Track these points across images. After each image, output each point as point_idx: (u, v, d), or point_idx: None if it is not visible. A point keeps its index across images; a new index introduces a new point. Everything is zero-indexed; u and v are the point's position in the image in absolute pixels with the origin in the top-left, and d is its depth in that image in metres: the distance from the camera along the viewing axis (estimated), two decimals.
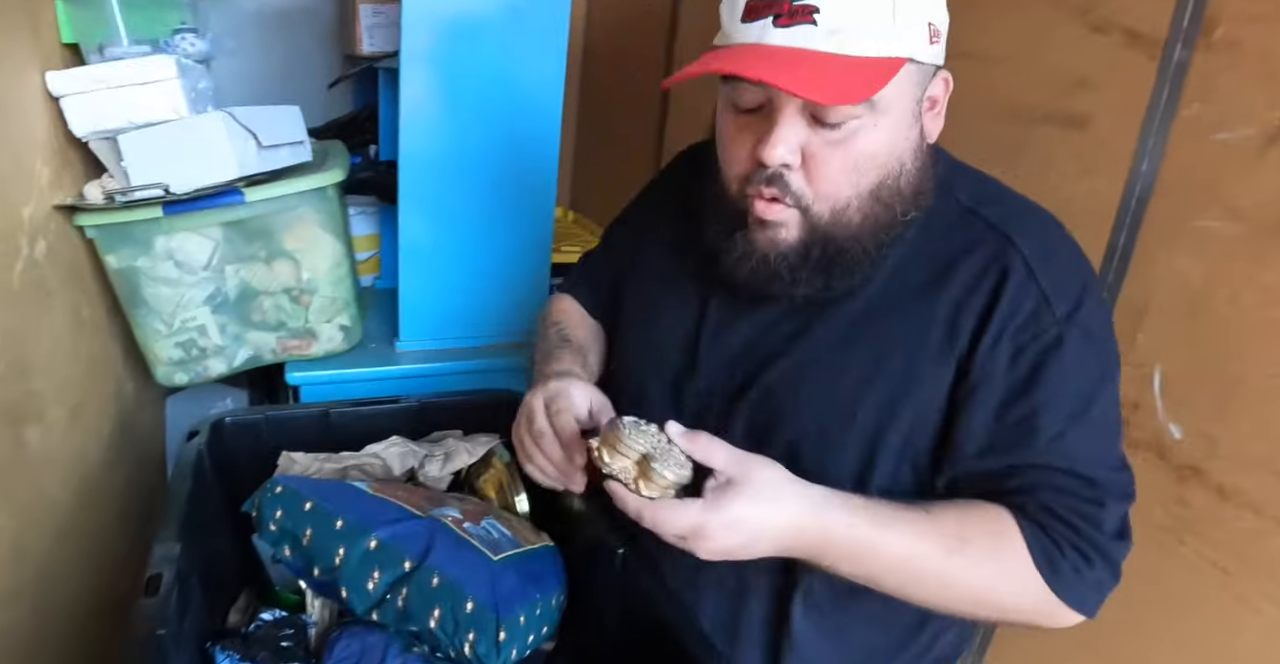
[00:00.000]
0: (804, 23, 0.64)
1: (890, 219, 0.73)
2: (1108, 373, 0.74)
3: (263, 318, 1.22)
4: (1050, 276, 0.71)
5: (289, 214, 1.18)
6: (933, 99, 0.74)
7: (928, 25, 0.68)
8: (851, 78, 0.64)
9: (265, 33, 2.08)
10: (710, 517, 0.65)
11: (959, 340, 0.72)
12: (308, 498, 0.87)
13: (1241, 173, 0.96)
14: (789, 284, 0.74)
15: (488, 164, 1.39)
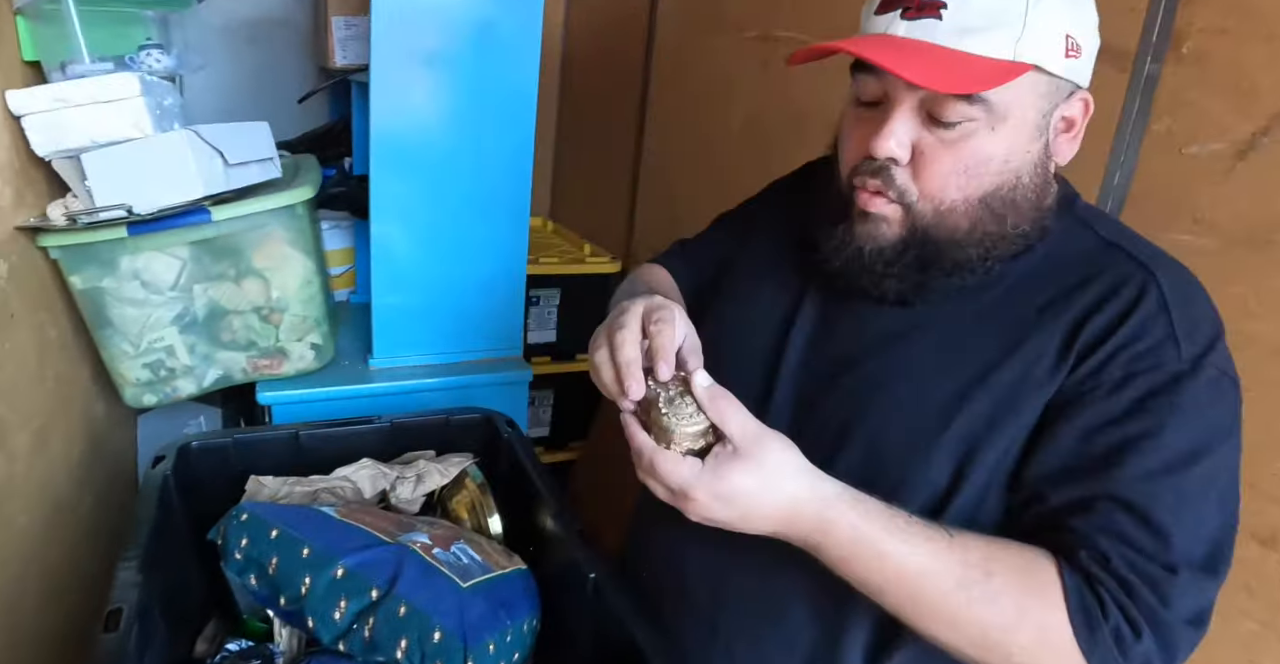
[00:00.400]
0: (930, 16, 0.65)
1: (1000, 230, 0.70)
2: (1225, 436, 0.66)
3: (232, 337, 1.20)
4: (1185, 317, 0.66)
5: (258, 232, 1.17)
6: (1068, 119, 0.71)
7: (1065, 37, 0.66)
8: (968, 73, 0.64)
9: (236, 45, 2.06)
10: (705, 482, 0.63)
11: (1070, 358, 0.67)
12: (274, 525, 0.86)
13: (1211, 186, 0.96)
14: (879, 278, 0.73)
15: (460, 177, 1.38)
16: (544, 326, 2.05)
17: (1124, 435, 0.64)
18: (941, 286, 0.72)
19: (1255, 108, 0.92)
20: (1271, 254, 0.91)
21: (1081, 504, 0.64)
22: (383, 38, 1.28)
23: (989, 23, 0.64)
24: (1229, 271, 0.94)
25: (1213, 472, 0.64)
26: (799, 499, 0.64)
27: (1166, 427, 0.63)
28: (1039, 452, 0.67)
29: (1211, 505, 0.64)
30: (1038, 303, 0.71)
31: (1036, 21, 0.64)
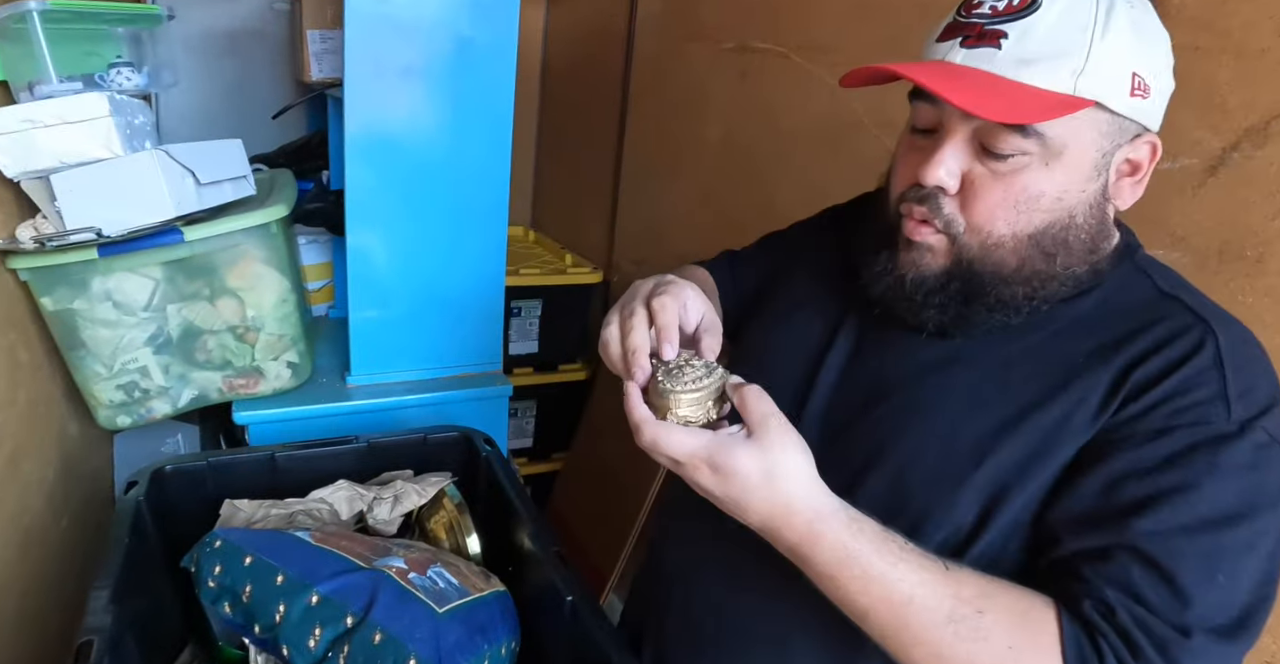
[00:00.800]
0: (989, 45, 0.64)
1: (1049, 269, 0.68)
2: (1267, 507, 0.60)
3: (207, 357, 1.19)
4: (1239, 377, 0.62)
5: (231, 251, 1.16)
6: (1134, 163, 0.68)
7: (1131, 75, 0.63)
8: (1023, 104, 0.62)
9: (212, 60, 2.05)
10: (710, 454, 0.62)
11: (1114, 404, 0.64)
12: (248, 552, 0.85)
13: (1184, 201, 0.97)
14: (919, 308, 0.71)
15: (437, 190, 1.37)
16: (526, 337, 2.05)
17: (1155, 487, 0.60)
18: (984, 322, 0.70)
19: (1226, 124, 0.92)
20: (1243, 268, 0.91)
21: (1098, 553, 0.61)
22: (356, 51, 1.27)
23: (1050, 54, 0.62)
24: (1204, 286, 0.93)
25: (1253, 539, 0.60)
26: (793, 503, 0.62)
27: (1203, 484, 0.60)
28: (1063, 495, 0.64)
29: (1246, 574, 0.59)
30: (1087, 348, 0.68)
31: (1101, 56, 0.62)
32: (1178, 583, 0.58)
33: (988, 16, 0.65)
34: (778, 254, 0.96)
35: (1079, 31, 0.62)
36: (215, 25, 2.06)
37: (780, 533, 0.63)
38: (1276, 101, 0.88)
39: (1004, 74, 0.63)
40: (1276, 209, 0.88)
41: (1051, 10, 0.63)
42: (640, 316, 0.68)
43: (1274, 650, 0.89)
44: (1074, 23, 0.63)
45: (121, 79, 1.22)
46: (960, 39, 0.65)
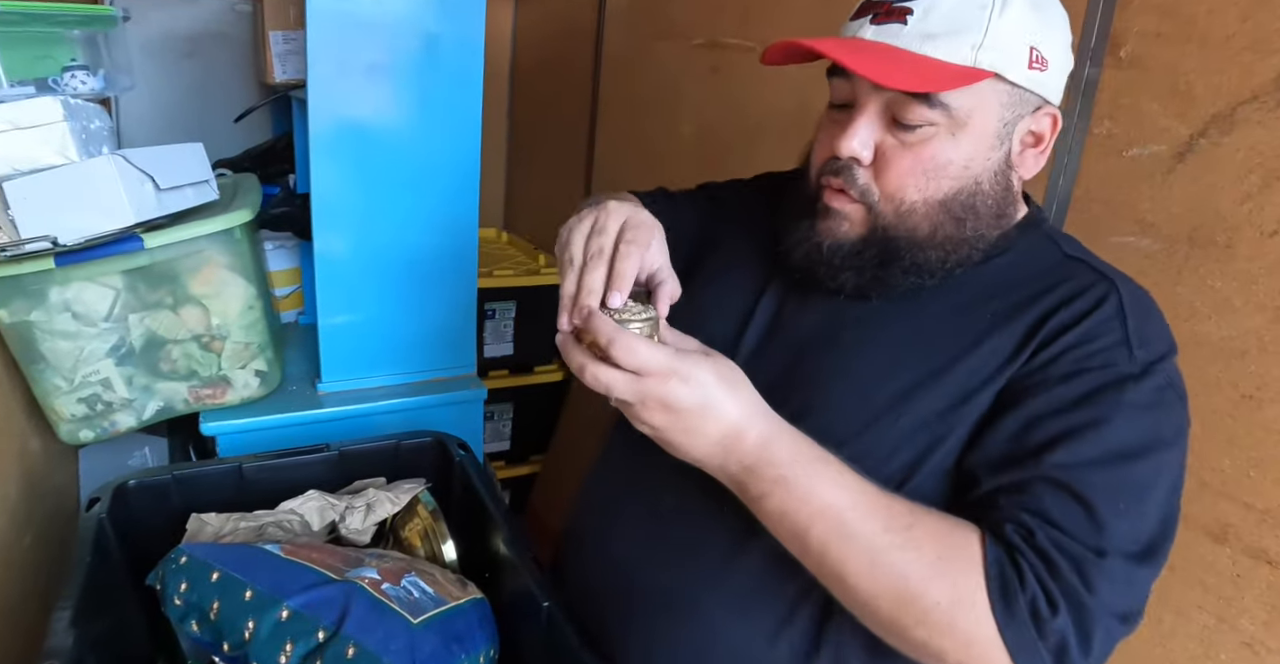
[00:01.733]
0: (896, 21, 0.68)
1: (959, 234, 0.73)
2: (1169, 443, 0.66)
3: (172, 367, 1.16)
4: (1140, 327, 0.68)
5: (194, 258, 1.13)
6: (1036, 134, 0.74)
7: (1029, 49, 0.68)
8: (924, 75, 0.66)
9: (172, 63, 2.01)
10: (677, 365, 0.62)
11: (1026, 352, 0.69)
12: (215, 567, 0.83)
13: (1153, 188, 0.97)
14: (836, 271, 0.75)
15: (405, 192, 1.35)
16: (501, 340, 2.03)
17: (1067, 424, 0.64)
18: (899, 284, 0.74)
19: (1192, 111, 0.92)
20: (1213, 254, 0.92)
21: (1015, 487, 0.64)
22: (319, 50, 1.25)
23: (951, 28, 0.67)
24: (1173, 272, 0.95)
25: (1154, 473, 0.64)
26: (754, 406, 0.65)
27: (1110, 419, 0.64)
28: (982, 440, 0.68)
29: (1151, 505, 0.63)
30: (999, 306, 0.72)
31: (999, 30, 0.67)
32: (1091, 509, 0.61)
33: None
34: (715, 208, 0.98)
35: (979, 9, 0.67)
36: (175, 27, 2.02)
37: (739, 440, 0.65)
38: (1241, 88, 0.88)
39: (909, 48, 0.67)
40: (1244, 194, 0.88)
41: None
42: (605, 257, 0.67)
43: (1252, 632, 0.90)
44: (974, 1, 0.67)
45: (76, 83, 1.19)
46: (871, 16, 0.70)
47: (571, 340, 0.66)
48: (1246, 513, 0.91)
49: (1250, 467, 0.90)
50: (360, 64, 1.28)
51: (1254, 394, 0.90)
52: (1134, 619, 0.62)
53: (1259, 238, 0.88)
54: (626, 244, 0.67)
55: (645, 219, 0.71)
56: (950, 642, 0.60)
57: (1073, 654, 0.59)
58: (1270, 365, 0.88)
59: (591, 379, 0.63)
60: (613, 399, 0.65)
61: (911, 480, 0.70)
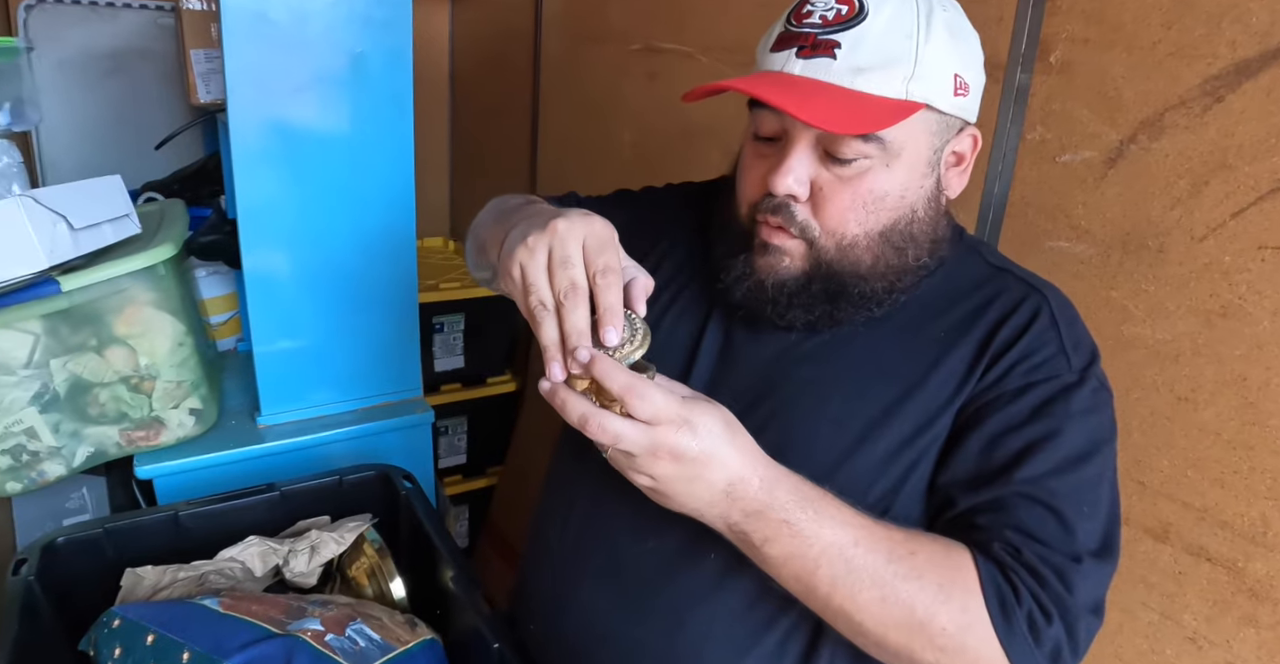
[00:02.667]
0: (824, 56, 0.67)
1: (901, 263, 0.73)
2: (1108, 439, 0.71)
3: (101, 411, 1.12)
4: (1070, 333, 0.72)
5: (117, 298, 1.09)
6: (958, 154, 0.75)
7: (954, 77, 0.69)
8: (862, 113, 0.65)
9: (95, 83, 1.93)
10: (686, 414, 0.60)
11: (979, 370, 0.72)
12: (150, 629, 0.80)
13: (1085, 193, 0.97)
14: (785, 309, 0.74)
15: (336, 213, 1.30)
16: (451, 353, 2.00)
17: (1026, 439, 0.68)
18: (850, 318, 0.74)
19: (1121, 116, 0.93)
20: (1145, 259, 0.92)
21: (991, 504, 0.68)
22: (238, 71, 1.20)
23: (881, 62, 0.66)
24: (1107, 277, 0.96)
25: (1101, 469, 0.69)
26: (753, 453, 0.64)
27: (1064, 429, 0.68)
28: (950, 460, 0.71)
29: (1103, 498, 0.69)
30: (945, 324, 0.74)
31: (927, 61, 0.67)
32: (1062, 517, 0.66)
33: (819, 26, 0.67)
34: (638, 220, 0.88)
35: (905, 38, 0.66)
36: (95, 45, 1.94)
37: (744, 485, 0.63)
38: (1170, 93, 0.88)
39: (841, 83, 0.66)
40: (1174, 200, 0.89)
41: (878, 18, 0.66)
42: (582, 292, 0.61)
43: (1195, 627, 0.91)
44: (900, 30, 0.66)
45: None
46: (796, 49, 0.68)
47: (564, 389, 0.61)
48: (1185, 512, 0.92)
49: (1188, 467, 0.91)
50: (282, 84, 1.24)
51: (1189, 396, 0.91)
52: (1103, 610, 0.67)
53: (1189, 242, 0.88)
54: (603, 274, 0.61)
55: (600, 230, 0.63)
56: (960, 660, 0.63)
57: (1065, 657, 0.64)
58: (1203, 367, 0.89)
59: (597, 430, 0.60)
60: (609, 451, 0.62)
61: (893, 507, 0.71)
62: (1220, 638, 0.90)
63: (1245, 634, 0.88)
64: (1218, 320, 0.87)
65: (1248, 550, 0.87)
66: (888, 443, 0.72)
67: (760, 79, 0.68)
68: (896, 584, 0.62)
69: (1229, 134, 0.84)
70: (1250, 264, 0.84)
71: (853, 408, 0.73)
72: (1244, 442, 0.86)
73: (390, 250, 1.38)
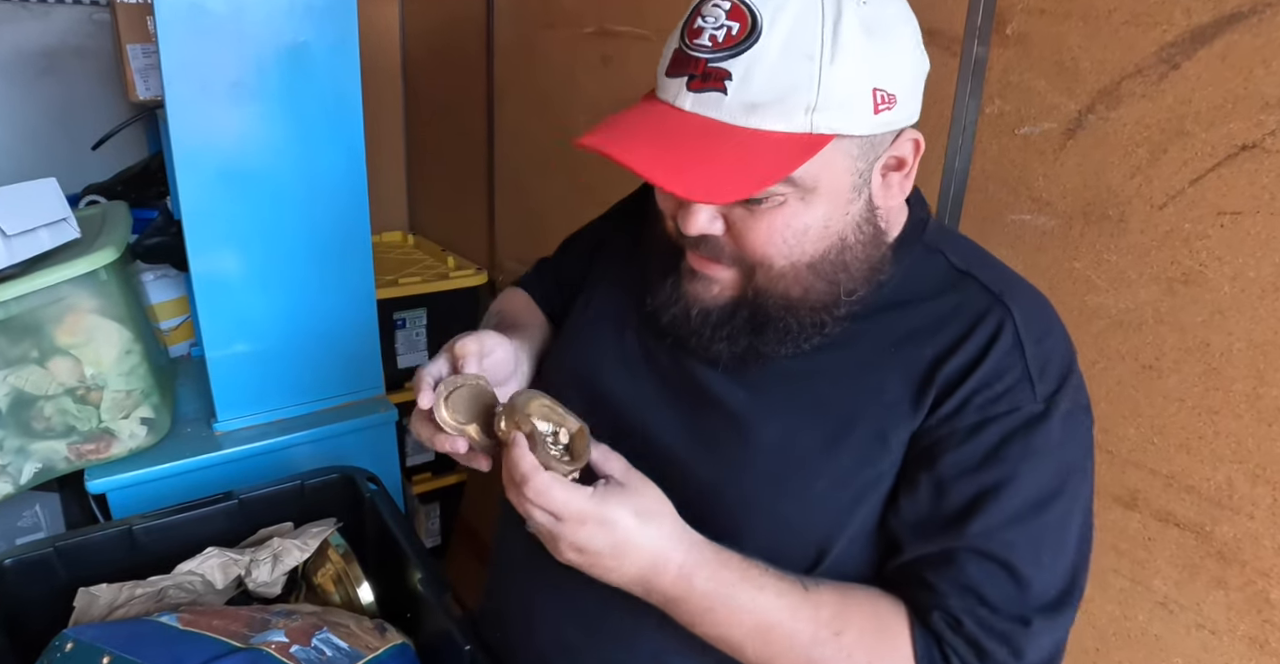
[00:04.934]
0: (715, 90, 0.59)
1: (832, 296, 0.67)
2: (1079, 468, 0.66)
3: (47, 425, 1.08)
4: (1039, 353, 0.65)
5: (56, 306, 1.04)
6: (898, 160, 0.66)
7: (872, 92, 0.59)
8: (756, 161, 0.58)
9: (29, 82, 1.86)
10: (591, 510, 0.60)
11: (927, 400, 0.65)
12: (105, 651, 0.77)
13: (1045, 165, 0.97)
14: (709, 342, 0.69)
15: (287, 208, 1.27)
16: (414, 349, 1.96)
17: (980, 485, 0.63)
18: (774, 353, 0.68)
19: (1079, 87, 0.92)
20: (1107, 228, 0.92)
21: (939, 557, 0.64)
22: (175, 66, 1.16)
23: (778, 94, 0.58)
24: (1069, 248, 0.95)
25: (1068, 509, 0.64)
26: (670, 540, 0.63)
27: (1020, 474, 0.62)
28: (900, 501, 0.66)
29: (1069, 543, 0.64)
30: (892, 339, 0.68)
31: (833, 83, 0.58)
32: (1015, 572, 0.62)
33: (709, 49, 0.59)
34: (578, 263, 0.93)
35: (805, 60, 0.57)
36: (26, 43, 1.87)
37: (660, 576, 0.63)
38: (1126, 62, 0.88)
39: (734, 122, 0.59)
40: (1133, 168, 0.89)
41: (773, 38, 0.57)
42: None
43: (1165, 591, 0.92)
44: (799, 51, 0.57)
45: None
46: (687, 79, 0.60)
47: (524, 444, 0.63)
48: (1153, 479, 0.92)
49: (1154, 434, 0.92)
50: (223, 78, 1.20)
51: (1153, 364, 0.91)
52: (1061, 653, 0.64)
53: (1149, 210, 0.88)
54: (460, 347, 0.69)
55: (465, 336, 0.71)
56: None
57: None
58: (1166, 335, 0.89)
59: (512, 501, 0.62)
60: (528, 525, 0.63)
61: (834, 549, 0.67)
62: (1190, 601, 0.91)
63: (1215, 596, 0.88)
64: (1179, 287, 0.86)
65: (1214, 514, 0.87)
66: (826, 481, 0.66)
67: (638, 121, 0.62)
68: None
69: (1185, 101, 0.84)
70: (1210, 230, 0.84)
71: (787, 444, 0.68)
72: (1208, 407, 0.86)
73: (344, 246, 1.35)
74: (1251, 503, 0.84)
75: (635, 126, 0.61)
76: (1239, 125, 0.80)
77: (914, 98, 0.64)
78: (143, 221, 1.52)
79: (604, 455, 0.65)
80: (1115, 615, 0.97)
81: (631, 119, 0.62)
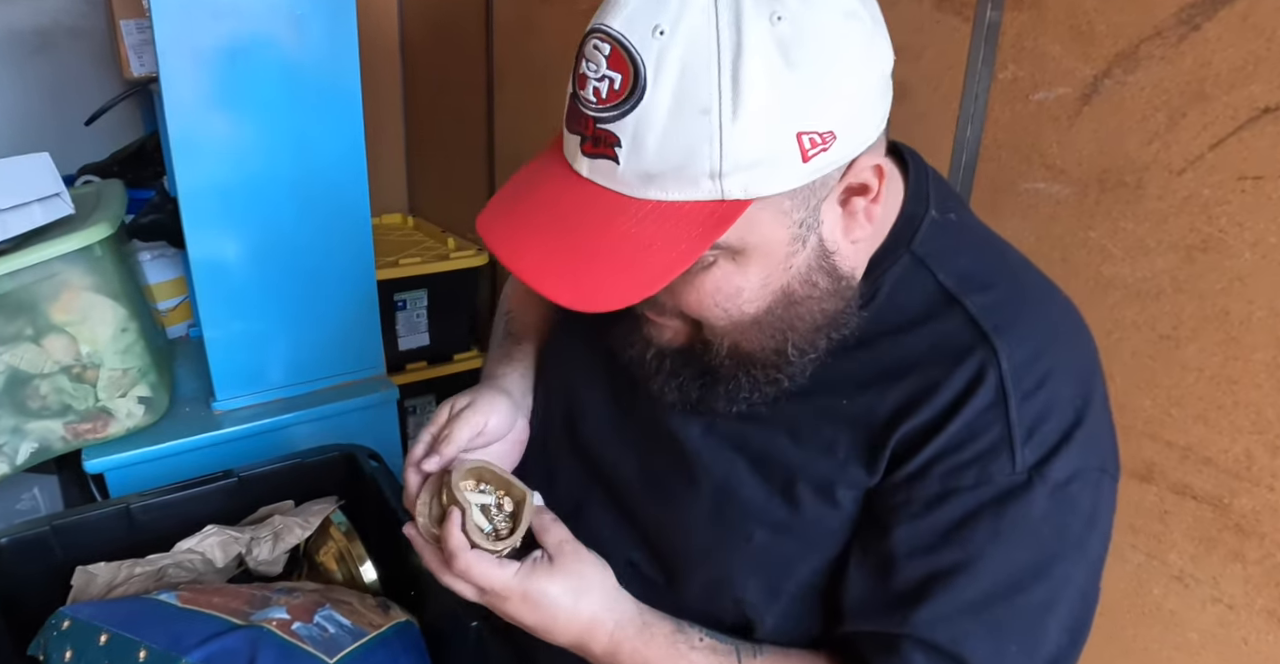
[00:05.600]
0: (606, 157, 0.50)
1: (782, 351, 0.58)
2: (1075, 546, 0.56)
3: (42, 404, 1.06)
4: (1029, 409, 0.54)
5: (50, 282, 1.02)
6: (860, 185, 0.55)
7: (796, 139, 0.48)
8: (657, 242, 0.49)
9: (22, 61, 1.84)
10: (519, 584, 0.61)
11: (883, 459, 0.57)
12: (103, 629, 0.76)
13: (1060, 132, 0.94)
14: (663, 386, 0.63)
15: (285, 185, 1.25)
16: (415, 331, 1.94)
17: (933, 567, 0.55)
18: (725, 408, 0.62)
19: (1095, 51, 0.90)
20: (1123, 196, 0.90)
21: (882, 641, 0.58)
22: (169, 40, 1.13)
23: (674, 162, 0.48)
24: (1084, 217, 0.93)
25: (1051, 595, 0.55)
26: (596, 617, 0.63)
27: (984, 557, 0.54)
28: (848, 568, 0.60)
29: (1048, 632, 0.56)
30: (855, 382, 0.59)
31: (739, 139, 0.47)
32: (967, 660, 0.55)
33: (595, 106, 0.49)
34: None
35: (700, 115, 0.46)
36: (20, 22, 1.84)
37: (589, 647, 0.64)
38: (1144, 24, 0.85)
39: (631, 193, 0.50)
40: (1151, 134, 0.86)
41: (659, 93, 0.47)
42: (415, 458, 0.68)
43: (1181, 565, 0.90)
44: (692, 105, 0.46)
45: None
46: (580, 140, 0.51)
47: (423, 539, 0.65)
48: (1169, 451, 0.91)
49: (1171, 405, 0.90)
50: (217, 51, 1.17)
51: (1170, 334, 0.89)
52: None
53: (1168, 176, 0.86)
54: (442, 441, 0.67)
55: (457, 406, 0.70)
56: None
57: None
58: (1184, 304, 0.87)
59: (444, 583, 0.63)
60: None
61: (778, 603, 0.63)
62: (1207, 575, 0.89)
63: (1232, 570, 0.87)
64: (1198, 255, 0.84)
65: (1233, 486, 0.86)
66: (767, 531, 0.61)
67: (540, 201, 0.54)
68: None
69: (1205, 63, 0.82)
70: (1230, 196, 0.82)
71: (734, 485, 0.62)
72: (1227, 377, 0.84)
73: (343, 225, 1.33)
74: (1271, 474, 0.82)
75: (534, 207, 0.54)
76: (1261, 87, 0.78)
77: (864, 121, 0.52)
78: (139, 202, 1.50)
79: (544, 526, 0.65)
80: (1128, 591, 0.96)
81: (534, 193, 0.54)
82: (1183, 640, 0.93)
